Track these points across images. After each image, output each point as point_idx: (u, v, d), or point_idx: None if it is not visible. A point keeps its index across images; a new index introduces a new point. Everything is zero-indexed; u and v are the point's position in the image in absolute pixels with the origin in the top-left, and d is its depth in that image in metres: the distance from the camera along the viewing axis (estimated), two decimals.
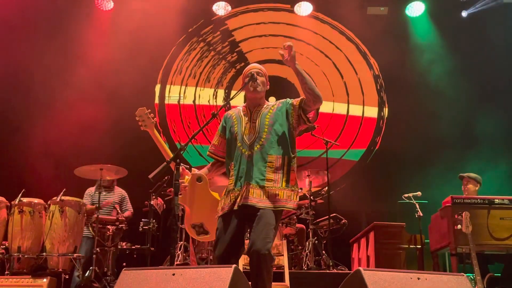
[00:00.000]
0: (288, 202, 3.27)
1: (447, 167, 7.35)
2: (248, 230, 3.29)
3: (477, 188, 5.76)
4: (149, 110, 3.55)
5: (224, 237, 3.22)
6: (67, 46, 7.95)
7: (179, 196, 3.08)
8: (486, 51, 8.30)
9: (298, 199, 3.38)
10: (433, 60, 8.34)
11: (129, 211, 6.22)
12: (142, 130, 3.56)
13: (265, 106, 3.48)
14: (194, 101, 8.54)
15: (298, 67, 3.26)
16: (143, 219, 5.86)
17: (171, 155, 3.17)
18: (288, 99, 3.48)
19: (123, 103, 7.85)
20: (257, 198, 3.21)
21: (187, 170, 3.42)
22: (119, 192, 6.30)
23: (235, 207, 3.23)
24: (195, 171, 3.52)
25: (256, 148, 3.31)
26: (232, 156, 3.38)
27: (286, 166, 3.32)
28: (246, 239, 3.36)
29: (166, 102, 8.51)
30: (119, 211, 5.96)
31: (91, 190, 6.21)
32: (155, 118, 3.54)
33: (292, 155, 3.38)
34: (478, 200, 5.06)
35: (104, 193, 6.11)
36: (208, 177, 3.57)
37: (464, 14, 8.51)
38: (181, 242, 5.93)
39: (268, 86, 3.55)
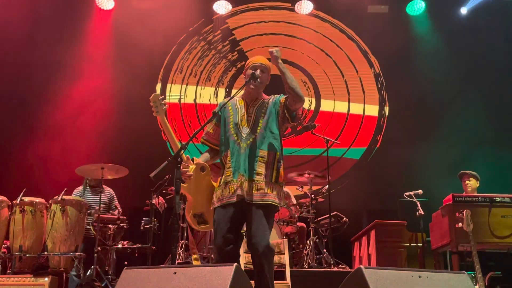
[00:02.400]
0: (276, 197, 3.32)
1: (448, 165, 7.33)
2: (246, 222, 3.33)
3: (477, 185, 5.77)
4: (163, 96, 3.57)
5: (223, 228, 3.26)
6: (67, 45, 7.95)
7: (183, 185, 3.09)
8: (487, 48, 8.29)
9: (284, 197, 3.43)
10: (434, 58, 8.33)
11: (117, 209, 6.15)
12: (154, 116, 3.57)
13: (262, 100, 3.51)
14: (195, 100, 8.54)
15: (281, 66, 3.37)
16: (144, 218, 5.86)
17: (178, 146, 3.19)
18: (281, 96, 3.52)
19: (124, 102, 7.86)
20: (251, 192, 3.26)
21: (190, 160, 3.43)
22: (107, 191, 6.20)
23: (235, 199, 3.27)
24: (196, 160, 3.54)
25: (250, 142, 3.36)
26: (227, 146, 3.42)
27: (276, 162, 3.38)
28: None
29: (167, 101, 8.49)
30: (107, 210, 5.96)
31: (79, 189, 6.07)
32: (167, 105, 3.55)
33: (281, 152, 3.44)
34: (479, 198, 5.03)
35: (92, 192, 6.10)
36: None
37: (463, 11, 8.50)
38: (182, 241, 5.94)
39: (269, 80, 3.57)
